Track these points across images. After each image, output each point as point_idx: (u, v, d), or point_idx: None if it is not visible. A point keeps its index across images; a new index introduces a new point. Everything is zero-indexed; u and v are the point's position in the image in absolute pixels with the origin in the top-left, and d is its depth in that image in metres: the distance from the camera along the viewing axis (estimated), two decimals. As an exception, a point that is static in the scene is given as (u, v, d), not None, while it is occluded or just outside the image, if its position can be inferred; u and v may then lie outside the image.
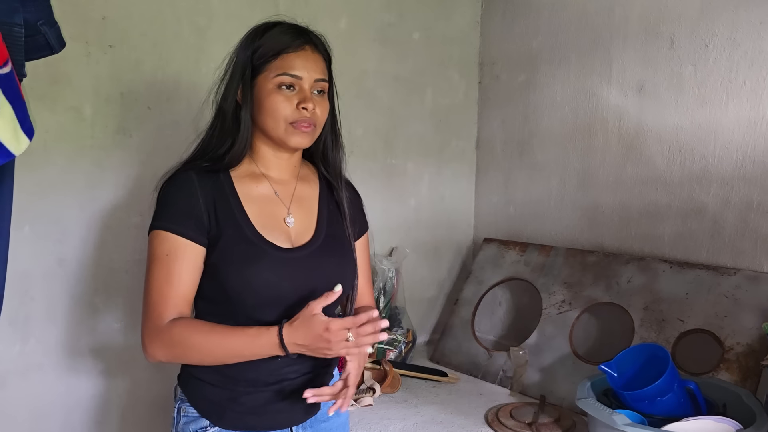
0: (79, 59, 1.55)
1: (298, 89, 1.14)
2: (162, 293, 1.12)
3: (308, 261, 1.18)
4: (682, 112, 1.80)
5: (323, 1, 1.98)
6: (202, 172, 1.17)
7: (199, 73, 1.72)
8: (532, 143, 2.25)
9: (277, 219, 1.19)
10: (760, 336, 1.55)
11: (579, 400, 1.41)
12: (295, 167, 1.26)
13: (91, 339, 1.63)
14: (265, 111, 1.15)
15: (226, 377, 1.17)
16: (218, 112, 1.20)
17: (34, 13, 1.06)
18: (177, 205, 1.14)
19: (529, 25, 2.22)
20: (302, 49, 1.15)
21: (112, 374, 1.67)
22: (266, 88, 1.14)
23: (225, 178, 1.18)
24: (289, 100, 1.13)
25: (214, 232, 1.13)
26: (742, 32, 1.66)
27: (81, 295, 1.61)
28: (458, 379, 1.98)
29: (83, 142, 1.59)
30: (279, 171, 1.23)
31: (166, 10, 1.68)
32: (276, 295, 1.14)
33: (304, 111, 1.13)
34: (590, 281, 1.95)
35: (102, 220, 1.63)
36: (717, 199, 1.74)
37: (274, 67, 1.14)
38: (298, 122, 1.14)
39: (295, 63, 1.14)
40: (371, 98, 2.12)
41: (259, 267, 1.13)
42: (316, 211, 1.26)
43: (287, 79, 1.13)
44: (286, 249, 1.17)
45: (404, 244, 2.24)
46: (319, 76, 1.16)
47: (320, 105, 1.16)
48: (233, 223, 1.14)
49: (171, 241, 1.12)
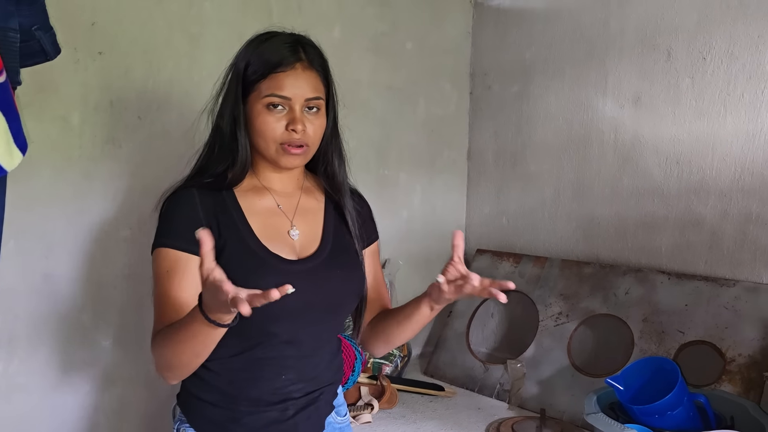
0: (67, 66, 1.50)
1: (288, 109, 1.11)
2: (161, 312, 1.08)
3: (314, 273, 1.15)
4: (680, 124, 1.80)
5: (317, 10, 1.94)
6: (204, 188, 1.13)
7: (192, 82, 1.68)
8: (525, 154, 2.24)
9: (280, 232, 1.16)
10: (762, 347, 1.55)
11: (588, 415, 1.39)
12: (298, 180, 1.23)
13: (79, 358, 1.57)
14: (256, 132, 1.12)
15: (227, 396, 1.13)
16: (215, 130, 1.17)
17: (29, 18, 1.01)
18: (177, 221, 1.10)
19: (522, 36, 2.22)
20: (292, 67, 1.11)
21: (100, 394, 1.60)
22: (256, 109, 1.11)
23: (228, 194, 1.15)
24: (279, 121, 1.10)
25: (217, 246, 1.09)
26: (740, 45, 1.67)
27: (68, 312, 1.54)
28: (455, 393, 1.95)
29: (71, 153, 1.53)
30: (282, 184, 1.20)
31: (157, 16, 1.63)
32: (281, 308, 1.09)
33: (293, 132, 1.10)
34: (587, 293, 1.93)
35: (90, 233, 1.56)
36: (715, 211, 1.74)
37: (263, 87, 1.10)
38: (288, 144, 1.11)
39: (284, 83, 1.10)
40: (365, 109, 2.10)
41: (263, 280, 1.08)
42: (321, 223, 1.23)
43: (276, 100, 1.10)
44: (292, 261, 1.14)
45: (396, 256, 2.20)
46: (310, 95, 1.12)
47: (313, 123, 1.13)
48: (237, 236, 1.11)
49: (171, 257, 1.08)
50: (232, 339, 1.09)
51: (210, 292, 0.89)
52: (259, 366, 1.12)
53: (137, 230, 1.60)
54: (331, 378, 1.22)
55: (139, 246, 1.59)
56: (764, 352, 1.55)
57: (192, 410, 1.16)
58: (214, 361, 1.10)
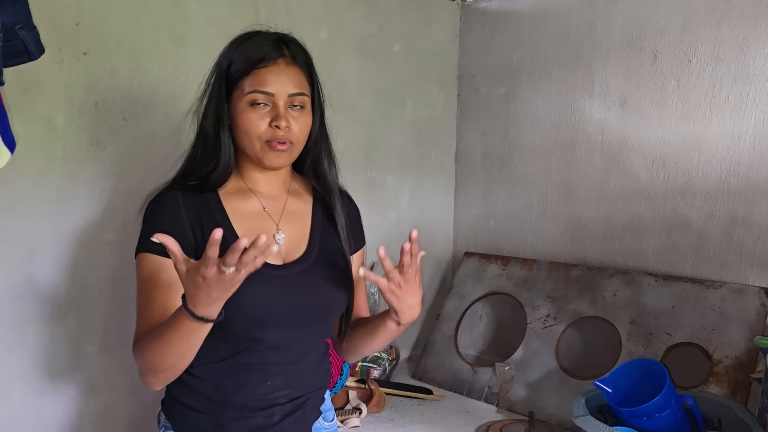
0: (51, 67, 1.47)
1: (272, 106, 1.09)
2: (143, 317, 1.06)
3: (300, 278, 1.13)
4: (666, 126, 1.81)
5: (304, 10, 1.93)
6: (189, 191, 1.11)
7: (178, 83, 1.66)
8: (513, 156, 2.24)
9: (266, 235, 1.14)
10: (749, 349, 1.56)
11: (576, 417, 1.39)
12: (285, 181, 1.21)
13: (62, 363, 1.54)
14: (240, 129, 1.10)
15: (212, 402, 1.11)
16: (200, 131, 1.16)
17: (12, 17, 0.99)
18: (160, 226, 1.07)
19: (509, 39, 2.22)
20: (274, 63, 1.09)
21: (84, 400, 1.57)
22: (240, 106, 1.09)
23: (212, 196, 1.13)
24: (263, 118, 1.09)
25: (201, 251, 1.07)
26: (725, 48, 1.68)
27: (51, 316, 1.51)
28: (443, 397, 1.94)
29: (54, 155, 1.50)
30: (268, 186, 1.18)
31: (143, 17, 1.61)
32: (267, 314, 1.09)
33: (277, 129, 1.08)
34: (575, 295, 1.94)
35: (74, 236, 1.54)
36: (701, 213, 1.75)
37: (246, 83, 1.09)
38: (273, 141, 1.09)
39: (266, 79, 1.08)
40: (352, 110, 2.09)
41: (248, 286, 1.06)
42: (308, 226, 1.20)
43: (259, 96, 1.08)
44: (277, 266, 1.12)
45: (384, 259, 2.19)
46: (293, 91, 1.10)
47: (298, 120, 1.11)
48: (221, 240, 1.09)
49: (153, 262, 1.06)
50: (218, 344, 1.07)
51: (191, 279, 0.87)
52: (245, 372, 1.10)
53: (122, 233, 1.58)
54: (318, 383, 1.20)
55: (124, 249, 1.57)
56: (750, 354, 1.56)
57: (177, 416, 1.14)
58: (199, 367, 1.09)
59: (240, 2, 1.79)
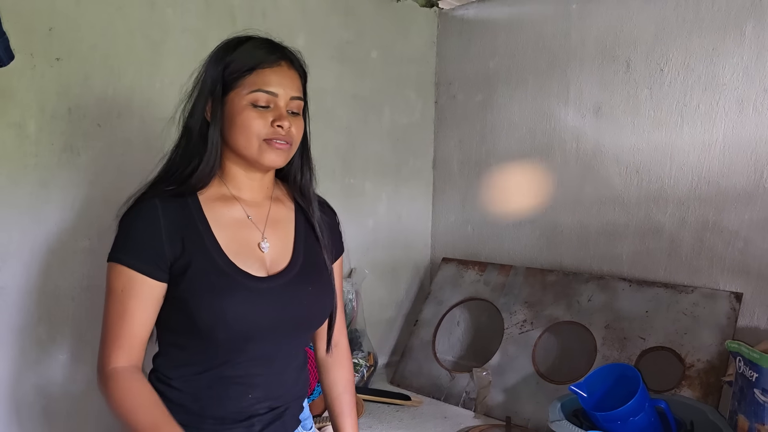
0: (23, 72, 1.45)
1: (273, 107, 1.08)
2: (114, 332, 1.04)
3: (285, 290, 1.11)
4: (639, 133, 1.84)
5: (281, 17, 1.93)
6: (167, 197, 1.08)
7: (153, 89, 1.64)
8: (490, 162, 2.26)
9: (250, 245, 1.12)
10: (720, 352, 1.59)
11: (552, 422, 1.40)
12: (269, 188, 1.19)
13: (34, 373, 1.51)
14: (237, 128, 1.08)
15: (192, 414, 1.08)
16: (184, 130, 1.13)
17: (-18, 23, 0.97)
18: (136, 237, 1.05)
19: (486, 46, 2.25)
20: (278, 64, 1.09)
21: (56, 411, 1.55)
22: (239, 105, 1.07)
23: (193, 203, 1.10)
24: (264, 118, 1.07)
25: (181, 262, 1.05)
26: (695, 58, 1.72)
27: (23, 326, 1.48)
28: (421, 402, 1.94)
29: (26, 161, 1.47)
30: (251, 192, 1.16)
31: (118, 22, 1.59)
32: (250, 328, 1.07)
33: (279, 129, 1.07)
34: (551, 300, 1.96)
35: (47, 244, 1.51)
36: (673, 219, 1.78)
37: (247, 83, 1.07)
38: (273, 139, 1.07)
39: (270, 79, 1.07)
40: (330, 117, 2.09)
41: (232, 299, 1.05)
42: (292, 234, 1.19)
43: (262, 95, 1.07)
44: (261, 278, 1.09)
45: (362, 265, 2.20)
46: (295, 94, 1.10)
47: (295, 124, 1.10)
48: (203, 251, 1.06)
49: (127, 276, 1.04)
50: (198, 357, 1.06)
51: None
52: (225, 385, 1.08)
53: (96, 241, 1.56)
54: (297, 393, 1.19)
55: (98, 257, 1.54)
56: (721, 357, 1.58)
57: None
58: (179, 379, 1.07)
59: (216, 9, 1.78)
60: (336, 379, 1.28)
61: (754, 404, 1.34)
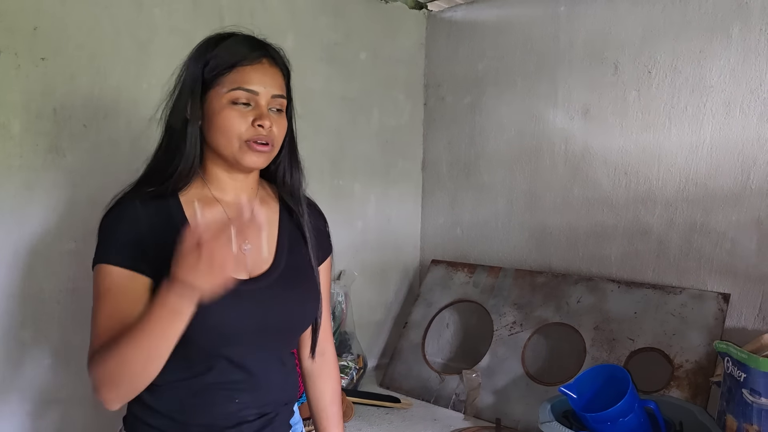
0: (7, 72, 1.43)
1: (254, 105, 1.06)
2: (100, 331, 1.00)
3: (267, 293, 1.09)
4: (627, 135, 1.85)
5: (269, 18, 1.92)
6: (148, 199, 1.06)
7: (140, 89, 1.63)
8: (479, 165, 2.26)
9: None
10: (708, 353, 1.60)
11: (542, 423, 1.40)
12: (252, 189, 1.17)
13: (18, 377, 1.49)
14: (217, 128, 1.05)
15: (177, 423, 1.06)
16: (166, 130, 1.10)
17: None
18: (119, 237, 1.03)
19: (475, 48, 2.25)
20: (259, 62, 1.07)
21: (41, 416, 1.52)
22: (219, 104, 1.05)
23: (174, 204, 1.08)
24: (244, 117, 1.05)
25: (159, 264, 1.03)
26: (682, 60, 1.73)
27: (7, 329, 1.46)
28: (411, 405, 1.94)
29: (10, 162, 1.46)
30: (234, 193, 1.13)
31: (105, 22, 1.58)
32: (235, 331, 1.05)
33: (260, 128, 1.05)
34: (540, 302, 1.96)
35: (31, 246, 1.49)
36: (662, 221, 1.79)
37: (227, 80, 1.05)
38: (254, 140, 1.05)
39: (251, 77, 1.05)
40: (318, 118, 2.08)
41: (213, 302, 1.03)
42: (275, 236, 1.17)
43: (242, 94, 1.04)
44: (243, 281, 1.07)
45: (351, 267, 2.19)
46: (276, 92, 1.08)
47: (278, 123, 1.08)
48: None
49: (113, 274, 1.01)
50: (181, 363, 1.03)
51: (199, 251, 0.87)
52: (210, 392, 1.06)
53: (82, 243, 1.53)
54: (286, 398, 1.17)
55: (84, 259, 1.50)
56: (710, 358, 1.59)
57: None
58: (162, 386, 1.04)
59: (204, 9, 1.77)
60: (323, 391, 1.27)
61: (742, 404, 1.35)
